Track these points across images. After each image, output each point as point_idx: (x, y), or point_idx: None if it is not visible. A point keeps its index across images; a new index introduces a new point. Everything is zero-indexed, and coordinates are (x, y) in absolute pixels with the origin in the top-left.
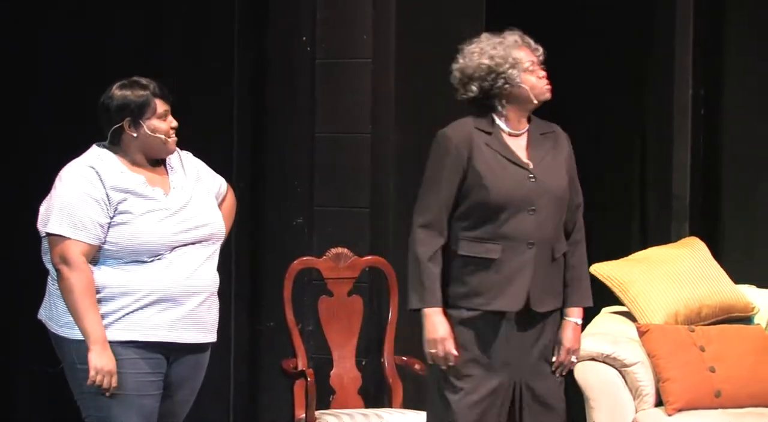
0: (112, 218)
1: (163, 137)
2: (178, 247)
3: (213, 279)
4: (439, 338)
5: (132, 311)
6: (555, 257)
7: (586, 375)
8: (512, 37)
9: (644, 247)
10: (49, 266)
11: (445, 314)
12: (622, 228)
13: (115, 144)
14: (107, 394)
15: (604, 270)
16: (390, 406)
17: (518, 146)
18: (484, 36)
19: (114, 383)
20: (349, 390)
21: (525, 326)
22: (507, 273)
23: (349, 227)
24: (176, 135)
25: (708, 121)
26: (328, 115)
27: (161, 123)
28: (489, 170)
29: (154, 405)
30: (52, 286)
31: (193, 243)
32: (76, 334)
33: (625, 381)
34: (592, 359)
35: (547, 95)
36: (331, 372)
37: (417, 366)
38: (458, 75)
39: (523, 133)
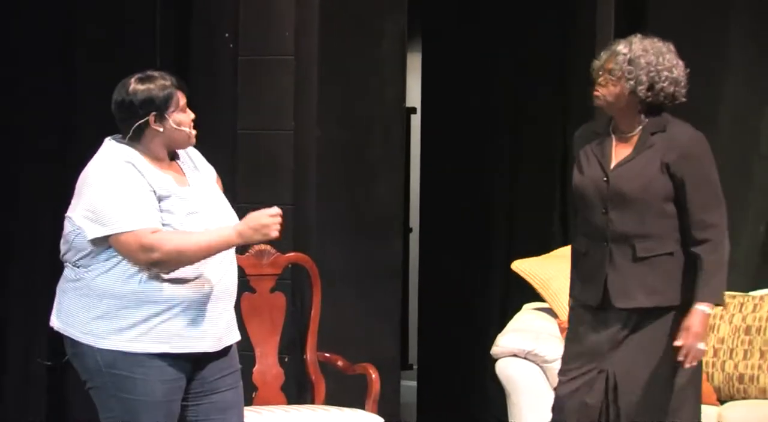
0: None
1: (188, 129)
2: None
3: (236, 282)
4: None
5: (161, 322)
6: (639, 256)
7: (507, 371)
8: None
9: (565, 243)
10: (68, 270)
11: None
12: (543, 225)
13: (135, 140)
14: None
15: (524, 267)
16: (312, 403)
17: (623, 146)
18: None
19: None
20: (271, 386)
21: (616, 319)
22: (590, 268)
23: None
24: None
25: None
26: (251, 111)
27: (185, 116)
28: (579, 172)
29: (177, 408)
30: (70, 289)
31: None
32: (100, 342)
33: (547, 377)
34: (514, 355)
35: None
36: (254, 369)
37: (339, 363)
38: (670, 86)
39: (636, 134)
